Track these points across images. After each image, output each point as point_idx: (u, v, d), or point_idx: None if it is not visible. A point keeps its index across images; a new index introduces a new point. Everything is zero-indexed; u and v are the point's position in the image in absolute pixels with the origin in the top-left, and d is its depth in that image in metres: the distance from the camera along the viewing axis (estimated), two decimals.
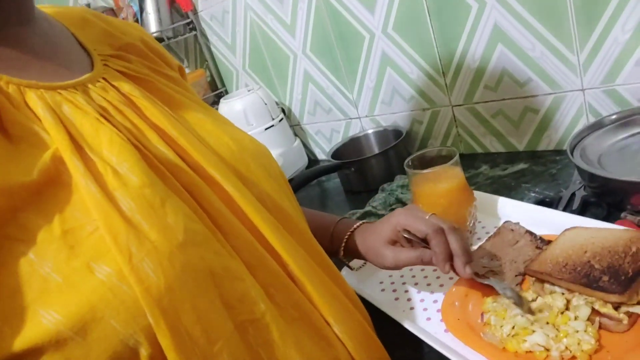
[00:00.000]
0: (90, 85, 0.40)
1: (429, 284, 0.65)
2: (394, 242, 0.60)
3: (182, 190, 0.37)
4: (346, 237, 0.64)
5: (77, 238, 0.31)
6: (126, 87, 0.42)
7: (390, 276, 0.70)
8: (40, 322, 0.28)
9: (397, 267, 0.60)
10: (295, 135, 1.34)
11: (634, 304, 0.46)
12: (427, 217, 0.57)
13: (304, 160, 1.31)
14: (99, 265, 0.30)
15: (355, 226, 0.65)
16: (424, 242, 0.57)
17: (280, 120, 1.25)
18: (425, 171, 0.67)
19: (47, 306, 0.29)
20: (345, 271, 0.70)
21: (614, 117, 0.76)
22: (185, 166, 0.39)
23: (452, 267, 0.55)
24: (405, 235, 0.58)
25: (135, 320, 0.30)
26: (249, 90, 1.24)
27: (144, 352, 0.31)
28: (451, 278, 0.65)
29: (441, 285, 0.64)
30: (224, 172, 0.40)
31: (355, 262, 0.69)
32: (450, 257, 0.55)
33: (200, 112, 0.47)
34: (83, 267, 0.30)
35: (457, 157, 0.66)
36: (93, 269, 0.30)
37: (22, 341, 0.28)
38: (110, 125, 0.37)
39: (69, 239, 0.31)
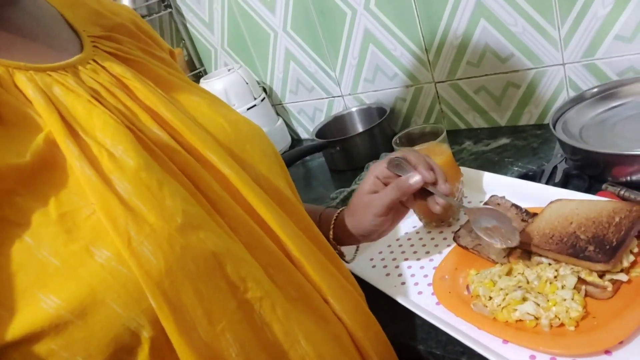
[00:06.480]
0: (80, 67, 0.39)
1: (418, 259, 0.66)
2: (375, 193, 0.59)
3: (179, 173, 0.37)
4: (336, 215, 0.63)
5: (75, 221, 0.31)
6: (117, 68, 0.41)
7: (380, 252, 0.71)
8: (40, 306, 0.28)
9: (383, 209, 0.57)
10: (278, 114, 1.33)
11: (617, 272, 0.48)
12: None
13: (287, 140, 1.30)
14: (98, 249, 0.30)
15: (341, 209, 0.64)
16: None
17: (262, 100, 1.23)
18: (414, 148, 0.68)
19: (46, 290, 0.29)
20: None
21: (594, 90, 0.78)
22: (180, 148, 0.39)
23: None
24: (386, 176, 0.59)
25: (137, 303, 0.30)
26: (229, 70, 1.22)
27: (145, 334, 0.31)
28: (440, 252, 0.66)
29: (431, 260, 0.65)
30: (219, 154, 0.40)
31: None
32: (431, 169, 0.56)
33: (193, 94, 0.47)
34: (82, 250, 0.30)
35: (444, 134, 0.67)
36: (92, 253, 0.30)
37: (21, 325, 0.28)
38: (103, 108, 0.36)
39: (66, 222, 0.31)
